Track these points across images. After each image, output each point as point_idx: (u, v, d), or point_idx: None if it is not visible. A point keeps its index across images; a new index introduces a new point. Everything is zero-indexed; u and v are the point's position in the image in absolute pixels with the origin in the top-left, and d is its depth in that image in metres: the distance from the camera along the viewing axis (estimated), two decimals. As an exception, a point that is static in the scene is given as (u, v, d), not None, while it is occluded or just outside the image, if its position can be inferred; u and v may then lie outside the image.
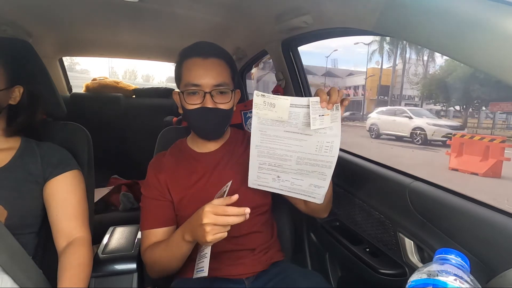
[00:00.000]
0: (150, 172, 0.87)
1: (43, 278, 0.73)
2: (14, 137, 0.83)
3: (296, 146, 0.69)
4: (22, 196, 0.76)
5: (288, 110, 0.65)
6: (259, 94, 0.65)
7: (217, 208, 0.61)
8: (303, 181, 0.74)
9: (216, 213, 0.60)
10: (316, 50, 49.82)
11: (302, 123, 0.66)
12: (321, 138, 0.67)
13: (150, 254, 0.79)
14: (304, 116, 0.66)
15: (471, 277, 0.41)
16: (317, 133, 0.67)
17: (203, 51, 0.81)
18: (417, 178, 0.88)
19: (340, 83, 34.40)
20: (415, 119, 10.91)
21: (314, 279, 0.83)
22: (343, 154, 1.26)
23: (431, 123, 10.44)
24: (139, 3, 1.17)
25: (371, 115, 13.51)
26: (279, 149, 0.71)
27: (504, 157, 5.72)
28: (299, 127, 0.67)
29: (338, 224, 1.15)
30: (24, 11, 1.29)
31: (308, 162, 0.71)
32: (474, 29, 0.49)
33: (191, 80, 0.78)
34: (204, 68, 0.79)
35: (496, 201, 4.06)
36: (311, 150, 0.69)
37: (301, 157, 0.71)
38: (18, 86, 0.80)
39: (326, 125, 0.66)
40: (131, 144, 2.21)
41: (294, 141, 0.69)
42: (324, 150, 0.68)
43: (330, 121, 0.66)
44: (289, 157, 0.71)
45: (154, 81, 47.01)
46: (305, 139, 0.68)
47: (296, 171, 0.73)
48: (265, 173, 0.76)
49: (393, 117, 11.91)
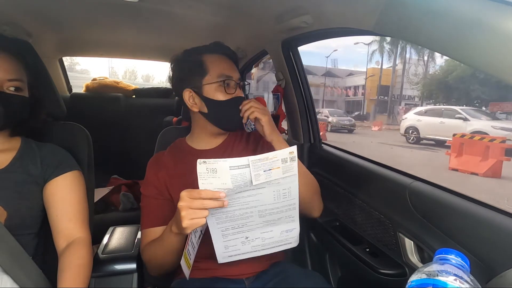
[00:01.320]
0: (149, 171, 0.87)
1: (43, 278, 0.73)
2: (14, 138, 0.83)
3: (253, 201, 0.65)
4: (22, 197, 0.76)
5: (229, 174, 0.60)
6: (201, 162, 0.59)
7: (193, 191, 0.60)
8: (273, 232, 0.72)
9: (191, 196, 0.60)
10: (316, 50, 49.89)
11: (250, 181, 0.62)
12: (275, 187, 0.64)
13: (147, 251, 0.80)
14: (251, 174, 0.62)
15: (471, 277, 0.41)
16: (270, 184, 0.63)
17: (223, 48, 0.88)
18: (417, 178, 0.88)
19: (340, 83, 34.42)
20: (472, 121, 9.01)
21: (314, 279, 0.83)
22: (343, 154, 1.26)
23: (498, 127, 8.31)
24: (139, 3, 1.16)
25: (407, 116, 11.47)
26: (238, 210, 0.66)
27: (504, 157, 5.72)
28: (249, 184, 0.62)
29: (338, 224, 1.15)
30: (24, 11, 1.29)
31: (271, 211, 0.68)
32: (474, 29, 0.49)
33: (225, 72, 0.83)
34: (227, 62, 0.85)
35: (496, 202, 4.06)
36: (269, 201, 0.66)
37: (262, 210, 0.67)
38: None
39: (277, 177, 0.62)
40: (131, 144, 2.21)
41: (249, 197, 0.65)
42: (283, 197, 0.66)
43: (283, 173, 0.62)
44: (250, 213, 0.67)
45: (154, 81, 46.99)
46: (260, 192, 0.64)
47: (262, 224, 0.70)
48: (232, 239, 0.70)
49: (439, 118, 9.93)
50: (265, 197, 0.65)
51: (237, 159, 0.60)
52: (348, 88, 33.66)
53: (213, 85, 0.81)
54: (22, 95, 0.78)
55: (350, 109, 29.93)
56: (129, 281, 0.87)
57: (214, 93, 0.82)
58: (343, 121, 16.77)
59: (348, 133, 15.62)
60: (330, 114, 17.59)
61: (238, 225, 0.68)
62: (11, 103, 0.75)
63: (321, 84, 30.57)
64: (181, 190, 0.83)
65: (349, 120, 17.10)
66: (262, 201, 0.66)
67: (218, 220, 0.66)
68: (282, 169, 0.62)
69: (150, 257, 0.80)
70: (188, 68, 0.85)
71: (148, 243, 0.80)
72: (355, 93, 33.03)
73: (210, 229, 0.68)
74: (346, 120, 17.12)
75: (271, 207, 0.67)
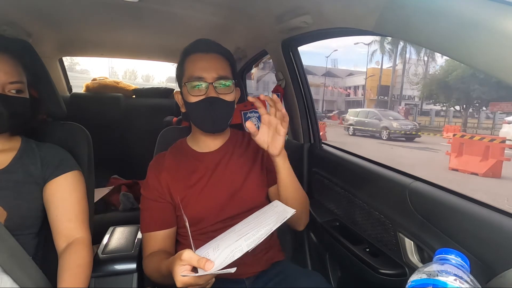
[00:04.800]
0: (150, 173, 0.87)
1: (43, 278, 0.73)
2: (15, 138, 0.83)
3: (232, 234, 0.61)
4: (22, 197, 0.76)
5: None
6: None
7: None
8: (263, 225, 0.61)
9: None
10: (316, 50, 49.89)
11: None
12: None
13: (146, 266, 0.80)
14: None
15: (471, 277, 0.41)
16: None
17: (204, 46, 0.83)
18: (417, 178, 0.88)
19: (340, 83, 34.42)
20: None
21: (314, 279, 0.83)
22: (343, 154, 1.26)
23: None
24: (139, 3, 1.16)
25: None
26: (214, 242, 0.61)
27: (504, 157, 5.72)
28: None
29: (338, 224, 1.15)
30: (24, 11, 1.29)
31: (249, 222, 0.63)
32: (474, 29, 0.49)
33: (194, 73, 0.80)
34: (206, 61, 0.81)
35: (496, 202, 4.06)
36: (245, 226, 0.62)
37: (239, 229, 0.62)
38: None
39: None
40: (131, 144, 2.21)
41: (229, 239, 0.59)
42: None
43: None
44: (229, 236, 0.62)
45: (154, 81, 47.08)
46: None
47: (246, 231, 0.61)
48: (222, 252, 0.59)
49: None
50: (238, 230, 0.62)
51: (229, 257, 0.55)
52: (348, 88, 33.68)
53: (185, 87, 0.81)
54: (23, 97, 0.78)
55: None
56: (129, 281, 0.87)
57: (186, 94, 0.81)
58: (406, 125, 12.85)
59: (406, 141, 12.03)
60: (383, 117, 13.54)
61: (217, 244, 0.61)
62: (13, 106, 0.75)
63: (321, 84, 30.59)
64: (183, 191, 0.84)
65: (413, 125, 13.38)
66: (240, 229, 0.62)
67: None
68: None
69: (149, 275, 0.79)
70: (177, 70, 0.87)
71: (148, 258, 0.79)
72: (355, 93, 33.05)
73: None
74: (409, 124, 13.34)
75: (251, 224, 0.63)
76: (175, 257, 0.59)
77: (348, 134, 14.46)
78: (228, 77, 0.82)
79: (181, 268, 0.55)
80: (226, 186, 0.85)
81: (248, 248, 0.55)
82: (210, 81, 0.79)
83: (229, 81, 0.82)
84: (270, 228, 0.59)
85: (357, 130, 14.29)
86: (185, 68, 0.83)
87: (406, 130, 12.34)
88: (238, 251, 0.55)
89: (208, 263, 0.53)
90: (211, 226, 0.82)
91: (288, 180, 0.79)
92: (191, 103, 0.81)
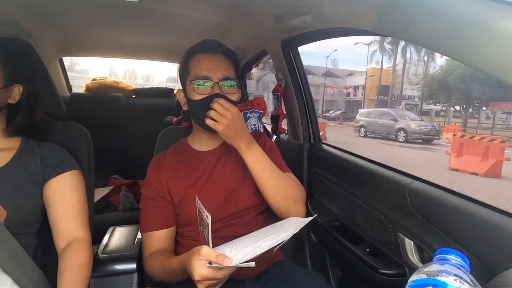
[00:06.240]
0: (150, 173, 0.87)
1: (43, 278, 0.73)
2: (14, 137, 0.83)
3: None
4: (22, 196, 0.76)
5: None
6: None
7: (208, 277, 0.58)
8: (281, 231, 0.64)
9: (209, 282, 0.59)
10: (316, 50, 49.91)
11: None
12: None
13: (150, 265, 0.79)
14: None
15: (471, 277, 0.41)
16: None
17: (210, 47, 0.85)
18: (417, 178, 0.88)
19: (340, 83, 34.42)
20: None
21: (314, 279, 0.83)
22: (343, 154, 1.26)
23: None
24: (139, 3, 1.16)
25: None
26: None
27: (504, 157, 5.73)
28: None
29: (338, 224, 1.15)
30: (24, 11, 1.29)
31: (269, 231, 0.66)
32: (474, 29, 0.49)
33: (201, 73, 0.81)
34: (212, 62, 0.82)
35: (496, 202, 4.06)
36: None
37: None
38: (17, 85, 0.80)
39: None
40: (131, 144, 2.21)
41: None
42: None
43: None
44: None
45: (154, 81, 47.07)
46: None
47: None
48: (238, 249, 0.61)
49: None
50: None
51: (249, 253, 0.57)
52: (348, 88, 33.68)
53: (191, 85, 0.82)
54: None
55: (350, 109, 29.90)
56: (129, 281, 0.87)
57: (191, 92, 0.82)
58: (425, 126, 11.85)
59: (424, 143, 11.22)
60: (400, 117, 12.60)
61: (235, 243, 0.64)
62: None
63: (321, 84, 30.57)
64: (182, 190, 0.84)
65: (432, 126, 12.20)
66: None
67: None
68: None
69: (153, 273, 0.79)
70: (181, 69, 0.88)
71: (151, 257, 0.79)
72: (355, 93, 33.06)
73: None
74: (428, 125, 12.26)
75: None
76: (192, 253, 0.60)
77: (359, 136, 14.01)
78: (233, 78, 0.84)
79: (200, 262, 0.57)
80: (225, 185, 0.85)
81: (269, 247, 0.58)
82: (216, 81, 0.81)
83: (234, 81, 0.83)
84: (291, 232, 0.62)
85: (369, 132, 13.85)
86: (191, 68, 0.83)
87: (425, 132, 11.52)
88: (259, 249, 0.58)
89: (227, 259, 0.56)
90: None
91: (256, 169, 0.78)
92: (195, 100, 0.81)
